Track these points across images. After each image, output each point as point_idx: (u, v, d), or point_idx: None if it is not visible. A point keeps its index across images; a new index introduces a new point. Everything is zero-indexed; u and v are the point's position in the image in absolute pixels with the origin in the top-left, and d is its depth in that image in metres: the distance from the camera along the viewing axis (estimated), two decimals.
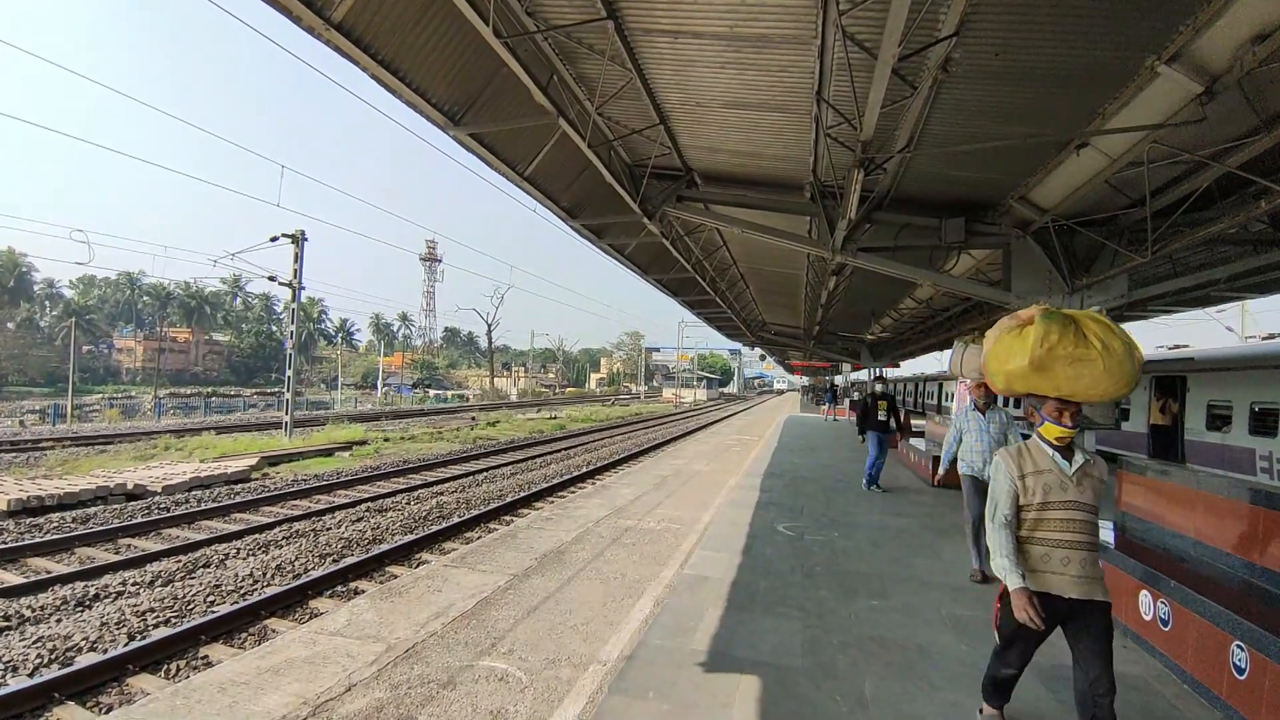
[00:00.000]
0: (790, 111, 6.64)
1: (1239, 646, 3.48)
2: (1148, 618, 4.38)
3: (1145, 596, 4.42)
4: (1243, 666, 3.45)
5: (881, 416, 10.53)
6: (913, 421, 19.69)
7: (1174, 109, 4.81)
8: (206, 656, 5.57)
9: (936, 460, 11.48)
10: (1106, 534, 5.52)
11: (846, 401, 40.10)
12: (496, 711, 3.37)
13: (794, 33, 5.23)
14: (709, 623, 4.64)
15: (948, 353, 35.74)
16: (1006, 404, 13.03)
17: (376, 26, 5.68)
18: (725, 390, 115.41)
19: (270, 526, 9.68)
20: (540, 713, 3.37)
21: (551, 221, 11.04)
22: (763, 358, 49.31)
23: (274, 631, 6.08)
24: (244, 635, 6.03)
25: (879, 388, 10.88)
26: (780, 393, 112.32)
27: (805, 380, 72.85)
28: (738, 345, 35.55)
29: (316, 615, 6.39)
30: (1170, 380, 13.74)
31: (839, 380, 60.24)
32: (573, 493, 12.74)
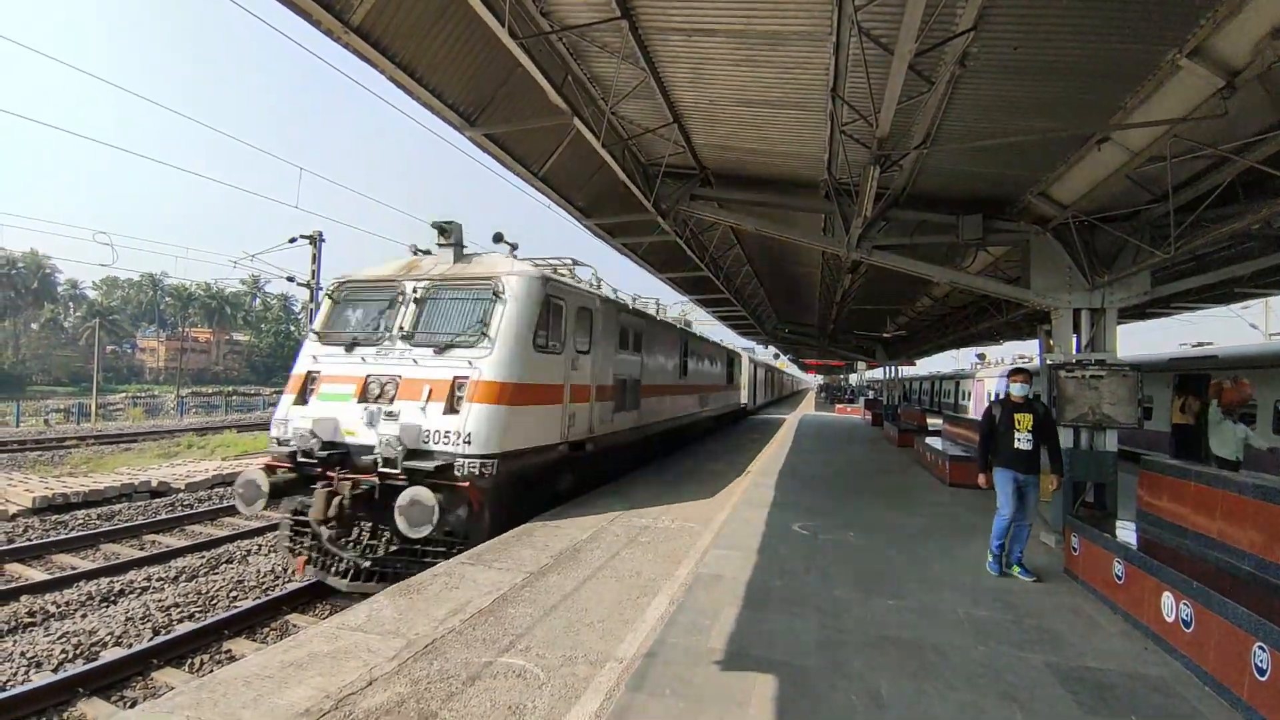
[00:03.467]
0: (805, 109, 6.61)
1: (1261, 648, 3.43)
2: (1170, 619, 4.33)
3: (1168, 598, 4.37)
4: (1264, 668, 3.40)
5: (1023, 443, 5.92)
6: (928, 421, 19.56)
7: (1195, 103, 4.74)
8: (230, 651, 5.67)
9: (954, 460, 11.40)
10: (1129, 535, 5.45)
11: (861, 400, 39.82)
12: (515, 707, 3.41)
13: (808, 29, 5.21)
14: (725, 621, 4.65)
15: (964, 351, 35.37)
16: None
17: (394, 29, 5.74)
18: None
19: None
20: (558, 709, 3.40)
21: (565, 220, 11.07)
22: (776, 356, 49.08)
23: (295, 626, 6.17)
24: (266, 630, 6.13)
25: (1015, 388, 6.13)
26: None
27: (809, 375, 71.57)
28: (751, 343, 35.44)
29: (337, 611, 6.47)
30: (1194, 378, 13.52)
31: (854, 378, 59.69)
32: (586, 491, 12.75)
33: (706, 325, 24.44)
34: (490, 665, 3.87)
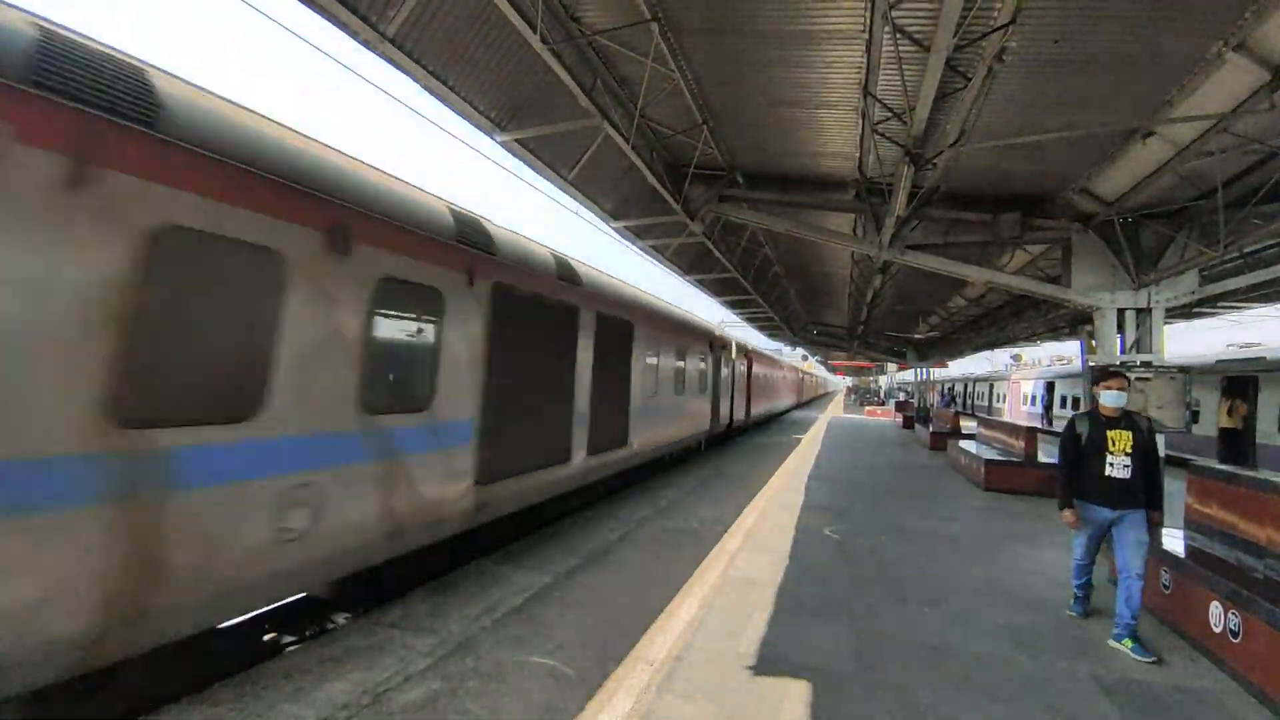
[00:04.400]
0: (836, 108, 6.56)
1: None
2: (1217, 629, 4.18)
3: (1215, 607, 4.22)
4: None
5: (1117, 469, 4.52)
6: (962, 423, 19.15)
7: (1242, 97, 4.60)
8: (270, 645, 5.80)
9: (989, 464, 11.14)
10: (1176, 543, 5.28)
11: (891, 402, 39.22)
12: (547, 706, 3.43)
13: (841, 27, 5.17)
14: (756, 625, 4.62)
15: (999, 352, 34.54)
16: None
17: (428, 39, 5.84)
18: None
19: None
20: (590, 710, 3.41)
21: (590, 221, 11.10)
22: (804, 358, 48.63)
23: (333, 622, 6.29)
24: (305, 625, 6.26)
25: (1108, 396, 4.60)
26: None
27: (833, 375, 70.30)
28: (779, 345, 35.20)
29: (374, 608, 6.58)
30: (1242, 381, 13.05)
31: (884, 380, 58.63)
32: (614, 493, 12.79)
33: (736, 329, 24.27)
34: (522, 664, 3.91)
